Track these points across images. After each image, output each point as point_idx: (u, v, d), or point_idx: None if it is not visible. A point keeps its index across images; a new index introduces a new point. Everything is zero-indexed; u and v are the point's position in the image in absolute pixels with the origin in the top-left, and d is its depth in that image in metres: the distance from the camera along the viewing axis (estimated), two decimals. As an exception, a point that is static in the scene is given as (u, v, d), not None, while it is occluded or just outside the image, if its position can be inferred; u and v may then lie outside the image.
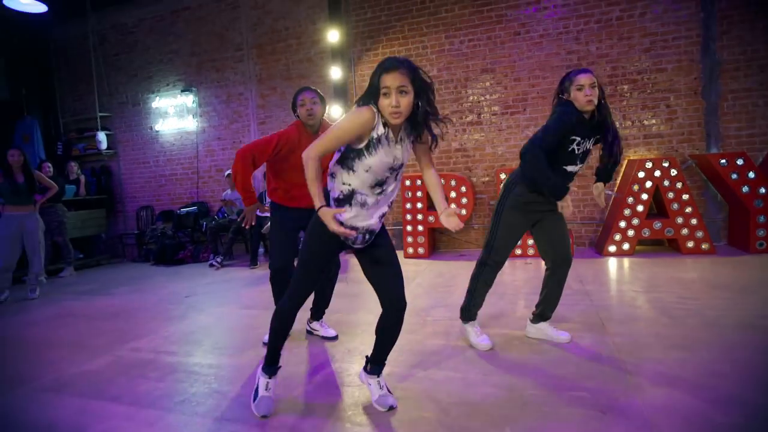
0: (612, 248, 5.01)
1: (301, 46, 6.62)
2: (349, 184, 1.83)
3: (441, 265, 5.29)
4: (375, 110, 1.74)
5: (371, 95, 1.75)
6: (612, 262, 4.79)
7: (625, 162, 5.34)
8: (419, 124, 1.79)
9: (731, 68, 5.03)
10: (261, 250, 6.22)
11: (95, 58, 7.50)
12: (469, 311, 2.76)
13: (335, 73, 6.15)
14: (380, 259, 1.98)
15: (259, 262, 6.00)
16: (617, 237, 4.99)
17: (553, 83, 5.02)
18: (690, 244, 4.80)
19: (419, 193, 5.68)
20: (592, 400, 2.06)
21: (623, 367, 2.36)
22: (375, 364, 2.12)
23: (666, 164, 4.80)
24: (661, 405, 1.98)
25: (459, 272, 4.79)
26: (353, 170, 1.81)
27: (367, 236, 1.92)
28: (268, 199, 6.23)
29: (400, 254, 5.68)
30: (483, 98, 5.92)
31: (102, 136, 7.45)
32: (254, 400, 2.11)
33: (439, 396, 2.20)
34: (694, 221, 4.77)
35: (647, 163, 4.85)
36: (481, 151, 5.99)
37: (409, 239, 5.75)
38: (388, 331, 2.03)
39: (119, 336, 3.48)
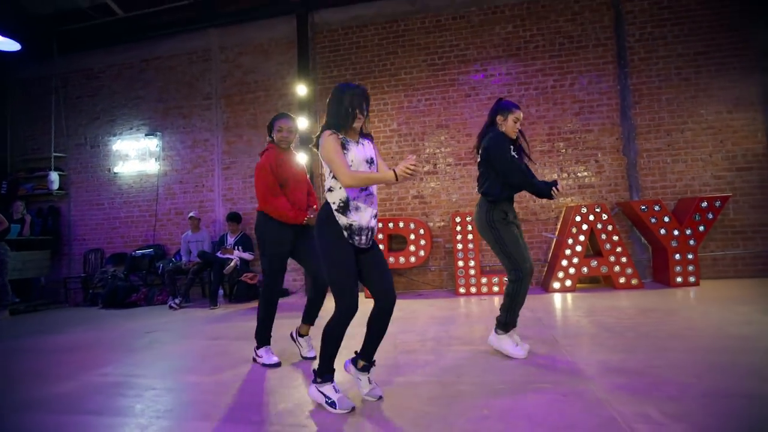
0: (556, 285, 5.51)
1: (269, 97, 7.04)
2: (344, 195, 2.21)
3: (401, 302, 5.53)
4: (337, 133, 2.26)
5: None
6: (557, 297, 5.26)
7: (564, 208, 6.02)
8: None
9: (644, 131, 5.96)
10: (221, 291, 6.18)
11: (56, 99, 7.50)
12: (507, 325, 3.01)
13: (302, 123, 6.57)
14: (375, 260, 2.28)
15: (219, 304, 5.95)
16: (560, 275, 5.51)
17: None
18: (622, 280, 5.40)
19: (381, 236, 6.01)
20: (553, 389, 2.36)
21: (576, 366, 2.70)
22: (365, 361, 2.33)
23: (598, 209, 5.48)
24: (610, 388, 2.32)
25: (420, 308, 5.06)
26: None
27: (369, 234, 2.26)
28: (230, 241, 6.33)
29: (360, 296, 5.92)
30: (438, 150, 6.52)
31: (54, 176, 7.28)
32: (334, 407, 2.21)
33: (420, 393, 2.41)
34: (624, 260, 5.41)
35: (582, 209, 5.52)
36: (437, 198, 6.49)
37: (371, 279, 5.98)
38: (378, 322, 2.28)
39: (83, 365, 3.41)
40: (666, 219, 5.34)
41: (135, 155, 7.42)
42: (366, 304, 2.26)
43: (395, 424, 2.07)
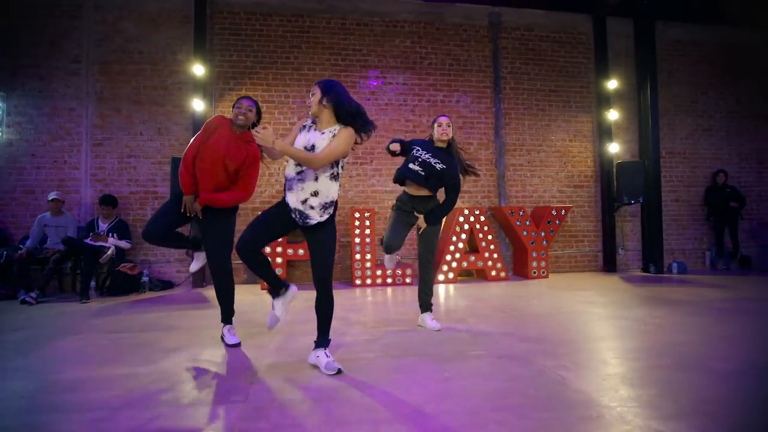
0: (441, 277, 6.23)
1: (157, 72, 6.40)
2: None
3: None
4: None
5: None
6: (443, 288, 5.96)
7: (447, 210, 6.81)
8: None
9: (512, 149, 7.13)
10: (92, 284, 5.42)
11: None
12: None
13: (198, 105, 6.16)
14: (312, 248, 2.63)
15: (91, 297, 5.22)
16: (445, 268, 6.25)
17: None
18: (493, 273, 6.37)
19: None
20: (487, 354, 2.86)
21: (492, 336, 3.27)
22: (320, 337, 2.62)
23: (477, 212, 6.38)
24: (524, 350, 2.90)
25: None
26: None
27: (297, 215, 2.55)
28: (102, 226, 5.69)
29: (256, 287, 5.83)
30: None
31: None
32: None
33: (382, 366, 2.67)
34: (495, 256, 6.40)
35: (465, 211, 6.35)
36: (335, 194, 6.72)
37: (268, 271, 5.92)
38: (319, 309, 2.65)
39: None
40: (527, 223, 6.48)
41: (-35, 117, 5.98)
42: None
43: (377, 389, 2.30)
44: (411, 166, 3.63)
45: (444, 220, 3.83)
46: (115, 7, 6.37)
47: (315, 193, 2.50)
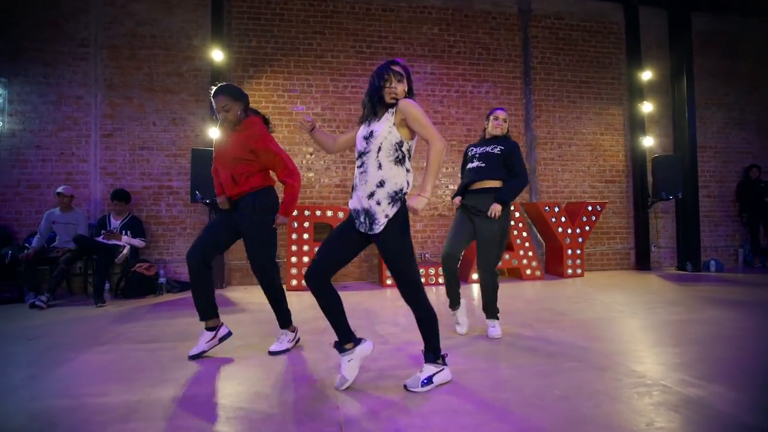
0: (474, 276, 5.93)
1: (171, 58, 5.97)
2: None
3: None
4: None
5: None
6: (475, 287, 5.66)
7: (478, 206, 6.50)
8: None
9: (542, 142, 6.84)
10: (107, 285, 5.00)
11: None
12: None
13: (216, 92, 5.75)
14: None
15: (106, 300, 4.82)
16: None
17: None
18: (528, 272, 6.08)
19: (306, 224, 5.63)
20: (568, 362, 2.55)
21: (562, 342, 2.97)
22: (427, 353, 2.31)
23: (512, 208, 6.06)
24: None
25: (346, 299, 4.91)
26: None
27: (363, 220, 2.18)
28: (114, 223, 5.28)
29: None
30: (362, 140, 6.40)
31: None
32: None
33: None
34: (530, 254, 6.11)
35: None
36: (359, 189, 6.37)
37: (293, 271, 5.57)
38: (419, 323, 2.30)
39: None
40: (563, 219, 6.20)
41: (-38, 105, 5.51)
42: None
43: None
44: (470, 166, 3.36)
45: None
46: (125, -13, 5.93)
47: (381, 183, 2.13)
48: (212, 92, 2.92)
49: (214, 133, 5.63)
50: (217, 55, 5.77)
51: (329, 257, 2.27)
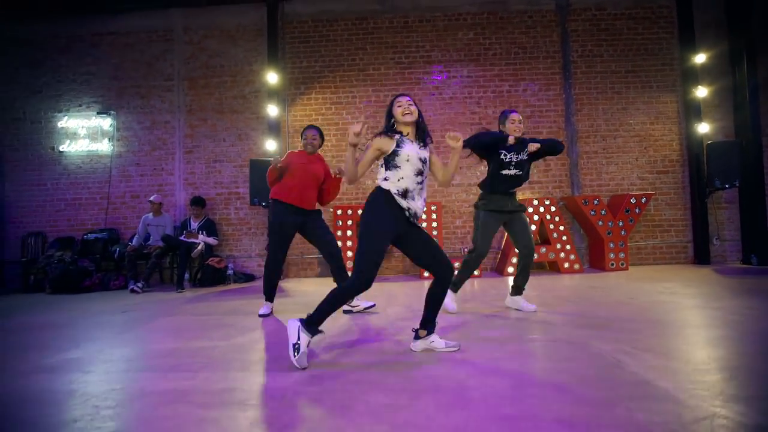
0: (510, 269, 6.12)
1: (236, 83, 7.02)
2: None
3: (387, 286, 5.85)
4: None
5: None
6: (511, 280, 5.84)
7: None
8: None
9: (584, 136, 6.79)
10: (186, 275, 6.08)
11: (-10, 70, 6.90)
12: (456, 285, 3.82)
13: (272, 111, 6.65)
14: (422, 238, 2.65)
15: (185, 287, 5.87)
16: (514, 260, 6.13)
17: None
18: (566, 265, 6.13)
19: (350, 222, 6.27)
20: (545, 338, 2.82)
21: (556, 321, 3.20)
22: (427, 326, 2.66)
23: (547, 202, 6.18)
24: (588, 336, 2.82)
25: (392, 289, 5.41)
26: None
27: (413, 215, 2.59)
28: (193, 225, 6.29)
29: (327, 279, 6.15)
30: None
31: (-13, 153, 6.69)
32: (296, 353, 2.37)
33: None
34: (568, 247, 6.15)
35: (534, 201, 6.18)
36: (401, 189, 6.87)
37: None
38: (436, 292, 2.65)
39: (79, 338, 3.35)
40: (603, 212, 6.14)
41: (85, 134, 7.01)
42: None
43: (426, 367, 2.39)
44: (505, 172, 3.64)
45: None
46: (200, 27, 7.08)
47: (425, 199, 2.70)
48: (306, 127, 4.14)
49: (270, 145, 6.54)
50: (272, 77, 6.67)
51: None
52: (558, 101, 6.84)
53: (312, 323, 2.44)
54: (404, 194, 2.52)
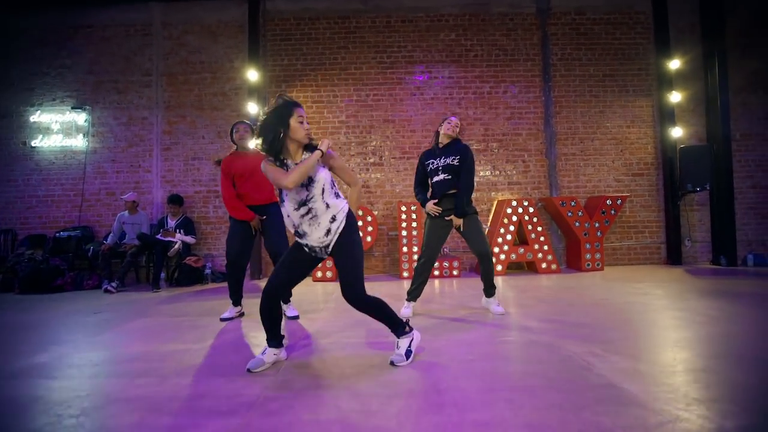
0: (489, 270, 6.18)
1: (216, 80, 6.92)
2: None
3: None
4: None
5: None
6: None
7: (495, 202, 6.74)
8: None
9: (563, 138, 6.89)
10: (162, 275, 5.98)
11: (-41, 61, 6.66)
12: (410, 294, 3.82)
13: (252, 108, 6.58)
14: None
15: (161, 287, 5.78)
16: (493, 260, 6.17)
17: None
18: (544, 265, 6.22)
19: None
20: (517, 339, 2.85)
21: (527, 324, 3.25)
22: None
23: (526, 203, 6.25)
24: (559, 336, 2.87)
25: (371, 290, 5.40)
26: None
27: (320, 251, 2.48)
28: (171, 223, 6.21)
29: (308, 279, 6.13)
30: (384, 143, 6.92)
31: (-45, 147, 6.47)
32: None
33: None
34: (545, 248, 6.24)
35: (513, 202, 6.25)
36: (382, 188, 6.88)
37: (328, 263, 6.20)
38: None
39: (51, 339, 3.27)
40: (580, 213, 6.25)
41: (58, 129, 6.82)
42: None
43: (399, 369, 2.40)
44: (436, 179, 3.72)
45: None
46: (180, 22, 6.96)
47: (333, 218, 2.39)
48: (237, 121, 4.13)
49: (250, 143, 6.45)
50: (252, 74, 6.59)
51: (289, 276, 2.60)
52: (537, 103, 6.92)
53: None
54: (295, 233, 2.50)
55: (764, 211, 6.91)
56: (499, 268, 6.18)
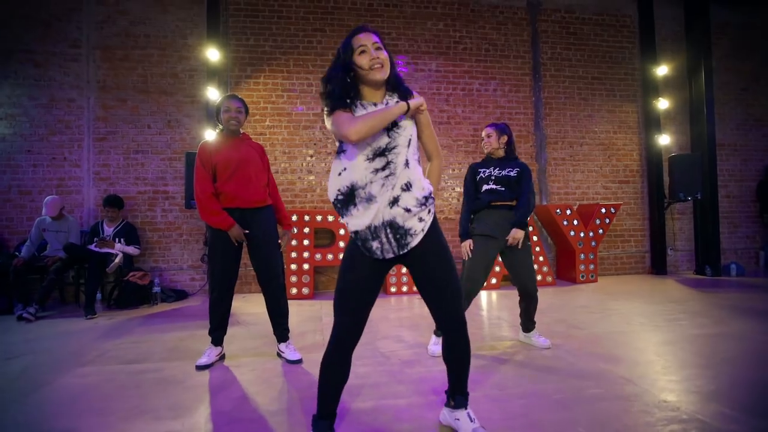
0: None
1: (166, 58, 5.77)
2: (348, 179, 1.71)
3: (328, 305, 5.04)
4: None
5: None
6: (483, 295, 5.39)
7: (485, 209, 6.24)
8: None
9: (552, 141, 6.55)
10: (98, 295, 4.81)
11: None
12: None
13: (212, 94, 5.53)
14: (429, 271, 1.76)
15: (97, 311, 4.62)
16: (486, 272, 5.67)
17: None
18: (539, 278, 5.81)
19: (306, 230, 5.40)
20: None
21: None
22: (456, 395, 1.85)
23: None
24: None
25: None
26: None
27: (386, 240, 1.69)
28: (108, 231, 5.06)
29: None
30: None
31: None
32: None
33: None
34: (541, 258, 5.83)
35: (508, 210, 5.77)
36: (362, 192, 6.12)
37: (293, 278, 5.34)
38: (452, 354, 1.83)
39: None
40: (575, 222, 5.92)
41: (-49, 109, 5.34)
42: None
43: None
44: (486, 187, 3.05)
45: None
46: (118, -15, 5.72)
47: (407, 186, 1.69)
48: (225, 96, 2.98)
49: (209, 134, 5.41)
50: (213, 54, 5.55)
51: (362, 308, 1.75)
52: (528, 104, 6.52)
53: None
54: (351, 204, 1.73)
55: (736, 220, 7.04)
56: (493, 281, 5.69)
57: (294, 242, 5.35)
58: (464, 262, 3.04)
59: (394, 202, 1.67)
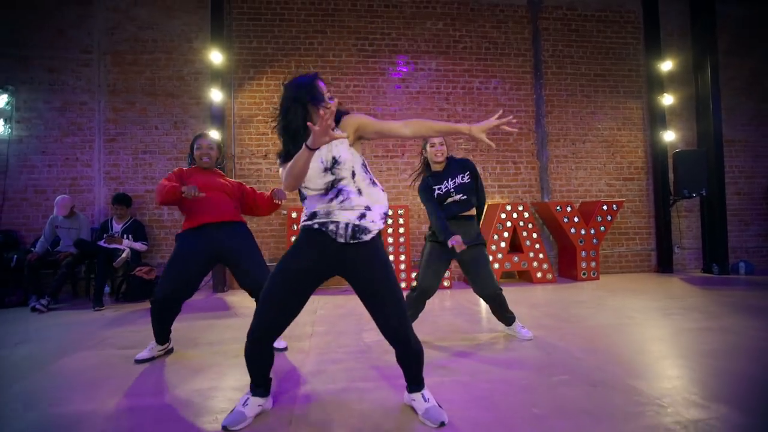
0: (482, 279, 5.67)
1: (172, 62, 5.98)
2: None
3: (332, 299, 5.14)
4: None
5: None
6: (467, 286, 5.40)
7: (486, 207, 6.25)
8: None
9: (554, 139, 6.53)
10: (106, 289, 5.02)
11: None
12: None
13: (216, 96, 5.71)
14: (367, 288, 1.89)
15: (105, 303, 4.82)
16: (485, 269, 5.68)
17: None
18: (539, 275, 5.80)
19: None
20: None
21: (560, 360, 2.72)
22: (411, 384, 2.00)
23: (521, 208, 5.80)
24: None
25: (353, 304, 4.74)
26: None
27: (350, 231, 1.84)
28: (116, 227, 5.26)
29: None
30: (365, 141, 6.24)
31: None
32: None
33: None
34: (541, 256, 5.82)
35: (507, 207, 5.78)
36: (363, 190, 6.21)
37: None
38: (402, 361, 1.97)
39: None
40: (576, 219, 5.88)
41: (-28, 113, 5.64)
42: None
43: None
44: (450, 200, 3.05)
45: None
46: (128, -8, 5.96)
47: (368, 208, 1.86)
48: (196, 135, 3.14)
49: (213, 135, 5.57)
50: (216, 57, 5.72)
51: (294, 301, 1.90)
52: (529, 101, 6.52)
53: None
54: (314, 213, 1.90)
55: (746, 218, 6.88)
56: (492, 277, 5.69)
57: (294, 238, 5.46)
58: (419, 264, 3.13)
59: (360, 217, 1.84)
